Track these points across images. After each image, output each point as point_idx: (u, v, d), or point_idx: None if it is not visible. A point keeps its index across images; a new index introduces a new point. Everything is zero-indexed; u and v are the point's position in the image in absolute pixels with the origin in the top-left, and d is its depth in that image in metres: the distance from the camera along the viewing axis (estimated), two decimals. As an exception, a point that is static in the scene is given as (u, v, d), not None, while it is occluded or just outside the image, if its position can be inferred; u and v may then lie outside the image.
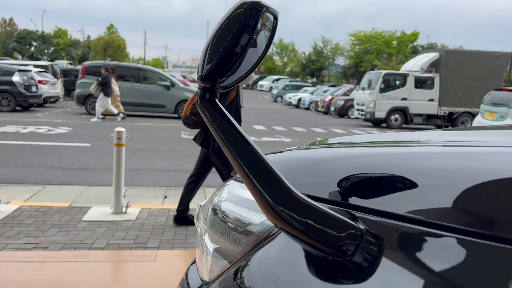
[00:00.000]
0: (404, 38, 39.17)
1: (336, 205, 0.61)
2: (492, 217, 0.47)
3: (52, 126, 9.91)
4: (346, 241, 0.51)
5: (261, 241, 0.68)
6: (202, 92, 0.58)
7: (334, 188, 0.63)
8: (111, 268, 2.92)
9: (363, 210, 0.58)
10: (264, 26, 0.57)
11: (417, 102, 15.08)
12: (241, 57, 0.55)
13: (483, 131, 0.99)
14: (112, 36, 51.17)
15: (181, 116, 13.20)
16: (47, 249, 3.02)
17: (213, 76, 0.56)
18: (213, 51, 0.55)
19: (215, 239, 0.80)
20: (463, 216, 0.49)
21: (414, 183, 0.55)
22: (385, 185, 0.59)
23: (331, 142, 0.99)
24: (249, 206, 0.75)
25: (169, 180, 5.51)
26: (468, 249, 0.46)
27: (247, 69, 0.59)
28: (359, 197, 0.60)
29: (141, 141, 8.39)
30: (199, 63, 0.58)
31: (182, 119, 3.68)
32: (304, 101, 23.71)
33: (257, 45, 0.58)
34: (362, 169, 0.64)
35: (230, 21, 0.54)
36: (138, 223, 3.65)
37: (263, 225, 0.70)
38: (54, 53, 53.88)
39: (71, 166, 6.04)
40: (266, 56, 0.94)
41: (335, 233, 0.52)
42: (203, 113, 0.59)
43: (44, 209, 3.91)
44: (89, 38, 59.00)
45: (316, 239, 0.52)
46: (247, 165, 0.55)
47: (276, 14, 0.59)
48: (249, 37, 0.54)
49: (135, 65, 14.92)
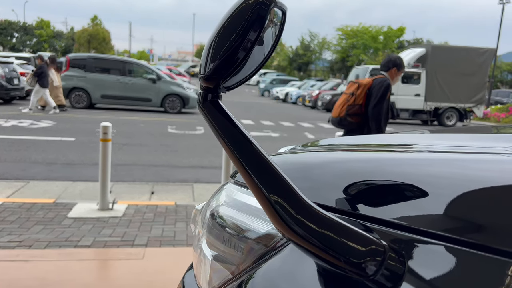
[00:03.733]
0: (391, 33, 39.42)
1: (331, 211, 0.57)
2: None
3: (35, 120, 9.69)
4: (369, 258, 0.47)
5: (267, 252, 0.64)
6: (204, 93, 0.54)
7: (332, 194, 0.61)
8: (98, 267, 2.85)
9: (364, 219, 0.55)
10: (272, 22, 0.53)
11: (404, 97, 15.20)
12: (247, 56, 0.51)
13: (469, 134, 0.97)
14: (96, 28, 50.32)
15: (168, 110, 13.27)
16: (31, 247, 2.94)
17: (216, 76, 0.52)
18: (216, 50, 0.50)
19: (214, 246, 0.75)
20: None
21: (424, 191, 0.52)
22: (389, 192, 0.57)
23: (322, 144, 0.97)
24: (252, 213, 0.70)
25: (156, 176, 5.44)
26: (497, 267, 0.43)
27: (252, 69, 0.55)
28: (359, 204, 0.57)
29: (127, 136, 8.26)
30: (201, 62, 0.53)
31: (333, 120, 3.82)
32: (291, 95, 23.70)
33: (264, 43, 0.53)
34: (360, 175, 0.61)
35: (235, 17, 0.49)
36: (125, 220, 3.59)
37: (269, 234, 0.65)
38: (36, 44, 52.78)
39: (55, 161, 5.91)
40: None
41: (356, 249, 0.47)
42: (205, 115, 0.54)
43: (28, 205, 3.82)
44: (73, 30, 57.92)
45: (334, 256, 0.47)
46: (255, 173, 0.50)
47: (285, 9, 0.54)
48: (257, 35, 0.49)
49: (121, 58, 14.66)
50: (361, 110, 3.64)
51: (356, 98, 3.64)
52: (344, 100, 3.71)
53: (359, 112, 3.64)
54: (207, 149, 7.54)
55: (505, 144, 0.73)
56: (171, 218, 3.70)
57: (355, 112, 3.64)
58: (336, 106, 3.76)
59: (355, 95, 3.63)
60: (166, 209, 3.95)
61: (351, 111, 3.60)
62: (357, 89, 3.65)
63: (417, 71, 15.34)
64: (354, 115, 3.65)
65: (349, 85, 3.83)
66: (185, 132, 9.42)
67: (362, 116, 3.66)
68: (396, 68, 3.68)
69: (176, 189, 4.78)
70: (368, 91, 3.64)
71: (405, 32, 39.99)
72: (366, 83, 3.66)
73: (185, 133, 9.28)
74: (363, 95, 3.63)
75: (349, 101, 3.65)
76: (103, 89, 12.94)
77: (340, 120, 3.69)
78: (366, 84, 3.65)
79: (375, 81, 3.65)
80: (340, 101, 3.76)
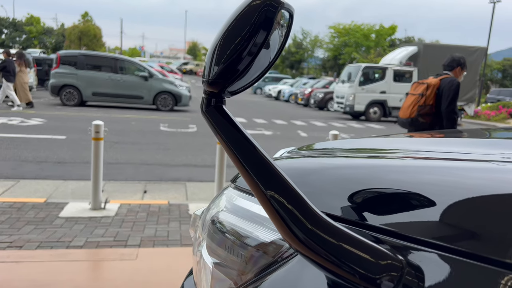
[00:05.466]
0: (383, 31, 39.57)
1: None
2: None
3: (25, 118, 9.57)
4: (385, 274, 0.45)
5: (272, 263, 0.61)
6: (208, 98, 0.52)
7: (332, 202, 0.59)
8: (90, 268, 2.81)
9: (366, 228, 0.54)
10: (278, 25, 0.51)
11: (396, 95, 15.27)
12: (253, 60, 0.48)
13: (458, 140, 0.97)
14: (87, 25, 49.76)
15: (160, 107, 13.19)
16: (22, 248, 2.89)
17: (221, 80, 0.49)
18: (221, 53, 0.48)
19: (215, 253, 0.73)
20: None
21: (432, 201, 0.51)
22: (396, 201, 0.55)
23: (317, 148, 0.97)
24: (254, 220, 0.68)
25: (149, 174, 5.39)
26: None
27: (257, 73, 0.53)
28: (359, 213, 0.56)
29: (119, 134, 8.19)
30: (205, 66, 0.51)
31: (402, 121, 4.03)
32: (283, 93, 23.72)
33: (270, 46, 0.51)
34: (359, 183, 0.60)
35: (241, 19, 0.47)
36: (118, 220, 3.55)
37: (274, 244, 0.63)
38: (26, 41, 52.08)
39: (46, 159, 5.83)
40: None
41: (372, 264, 0.45)
42: (209, 121, 0.52)
43: (18, 205, 3.76)
44: (63, 26, 57.20)
45: (348, 272, 0.45)
46: (262, 180, 0.48)
47: (292, 11, 0.52)
48: (264, 38, 0.47)
49: (112, 55, 14.52)
50: (432, 110, 3.78)
51: (426, 98, 3.76)
52: (414, 101, 3.83)
53: (429, 112, 3.78)
54: (200, 147, 7.51)
55: (496, 151, 0.73)
56: (164, 217, 3.67)
57: (426, 112, 3.78)
58: (405, 107, 3.89)
59: (425, 96, 3.76)
60: (159, 208, 3.91)
61: (423, 112, 3.73)
62: (426, 90, 3.78)
63: (409, 69, 15.42)
64: (426, 115, 3.78)
65: (414, 86, 3.97)
66: (178, 130, 9.37)
67: (432, 116, 3.79)
68: (460, 67, 3.83)
69: (169, 188, 4.75)
70: (437, 91, 3.76)
71: (396, 30, 40.17)
72: (434, 83, 3.78)
73: (177, 131, 9.23)
74: (433, 95, 3.75)
75: (420, 102, 3.78)
76: (94, 86, 12.82)
77: (411, 121, 3.81)
78: (434, 85, 3.77)
79: (443, 81, 3.77)
80: (408, 102, 3.89)
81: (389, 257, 0.46)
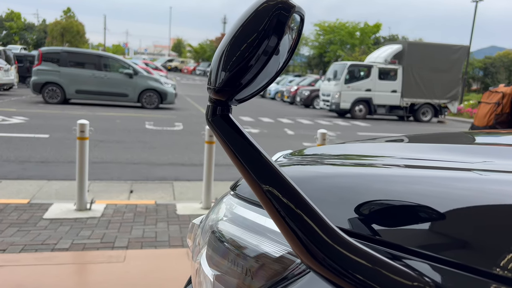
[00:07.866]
0: (367, 29, 39.82)
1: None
2: None
3: (6, 116, 9.35)
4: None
5: (281, 281, 0.58)
6: (214, 106, 0.49)
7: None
8: (77, 271, 2.75)
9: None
10: (289, 29, 0.48)
11: (381, 93, 15.41)
12: (264, 67, 0.46)
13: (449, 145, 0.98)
14: (70, 21, 48.87)
15: (145, 105, 13.04)
16: (5, 251, 2.81)
17: (229, 88, 0.46)
18: (229, 59, 0.45)
19: (216, 265, 0.70)
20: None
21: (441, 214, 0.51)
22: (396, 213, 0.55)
23: (307, 154, 0.97)
24: (257, 231, 0.65)
25: (135, 174, 5.32)
26: None
27: (266, 80, 0.50)
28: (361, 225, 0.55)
29: (104, 132, 8.07)
30: (211, 72, 0.48)
31: (479, 129, 4.02)
32: (269, 91, 23.68)
33: (280, 52, 0.48)
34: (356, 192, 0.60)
35: (251, 23, 0.44)
36: (104, 220, 3.48)
37: (284, 259, 0.60)
38: (6, 37, 50.93)
39: (28, 159, 5.70)
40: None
41: (397, 285, 0.42)
42: (215, 130, 0.49)
43: (0, 206, 3.66)
44: (45, 22, 56.06)
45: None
46: (276, 197, 0.45)
47: (303, 14, 0.49)
48: (275, 44, 0.44)
49: (96, 52, 14.30)
50: (508, 118, 3.88)
51: (503, 107, 3.86)
52: (490, 109, 3.91)
53: (506, 120, 3.89)
54: (186, 145, 7.44)
55: (478, 159, 0.74)
56: (151, 218, 3.61)
57: (503, 121, 3.88)
58: (481, 116, 3.97)
59: (502, 104, 3.85)
60: (146, 208, 3.86)
61: (500, 120, 3.84)
62: (502, 99, 3.86)
63: (394, 67, 15.56)
64: (503, 123, 3.88)
65: (487, 94, 4.06)
66: (163, 128, 9.27)
67: (509, 124, 3.89)
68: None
69: (155, 187, 4.69)
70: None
71: (381, 29, 40.46)
72: (510, 92, 3.86)
73: (163, 129, 9.13)
74: (509, 103, 3.84)
75: (497, 111, 3.87)
76: (78, 84, 12.61)
77: (489, 129, 3.89)
78: (510, 93, 3.86)
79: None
80: (484, 111, 3.96)
81: (415, 279, 0.43)
